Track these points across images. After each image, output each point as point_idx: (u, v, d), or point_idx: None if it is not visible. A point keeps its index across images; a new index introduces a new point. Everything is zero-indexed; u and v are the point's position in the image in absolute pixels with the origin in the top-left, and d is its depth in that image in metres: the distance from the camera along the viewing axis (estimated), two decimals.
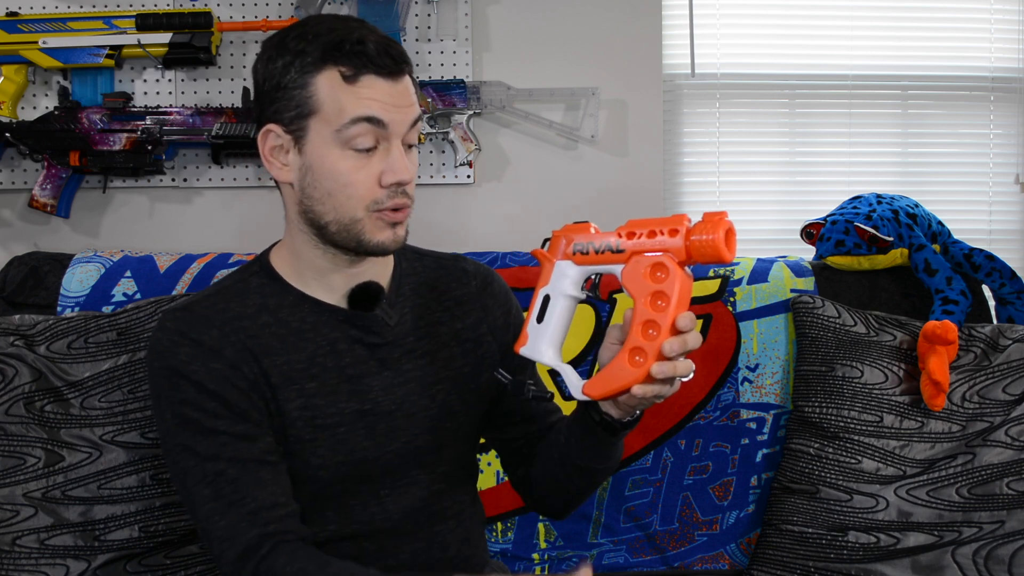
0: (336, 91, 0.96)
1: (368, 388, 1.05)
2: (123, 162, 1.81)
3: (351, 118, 0.96)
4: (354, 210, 0.99)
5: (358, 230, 1.00)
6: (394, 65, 0.97)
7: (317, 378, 1.03)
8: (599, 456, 1.06)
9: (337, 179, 0.98)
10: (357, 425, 1.04)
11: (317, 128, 0.98)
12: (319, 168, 0.99)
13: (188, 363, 0.99)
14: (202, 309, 1.03)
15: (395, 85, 0.98)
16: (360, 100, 0.96)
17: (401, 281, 1.12)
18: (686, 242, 0.89)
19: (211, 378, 0.99)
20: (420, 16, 1.92)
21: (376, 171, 0.99)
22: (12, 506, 1.35)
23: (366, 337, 1.06)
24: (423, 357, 1.09)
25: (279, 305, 1.05)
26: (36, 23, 1.80)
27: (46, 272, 1.63)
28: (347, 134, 0.97)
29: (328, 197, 0.99)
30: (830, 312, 1.63)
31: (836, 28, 2.13)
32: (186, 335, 1.00)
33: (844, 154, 2.15)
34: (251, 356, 1.01)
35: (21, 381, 1.40)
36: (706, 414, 1.65)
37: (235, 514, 0.96)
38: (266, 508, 0.97)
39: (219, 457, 0.97)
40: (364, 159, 0.98)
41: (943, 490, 1.53)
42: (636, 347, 0.91)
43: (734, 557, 1.65)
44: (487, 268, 1.20)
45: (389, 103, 0.97)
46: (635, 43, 1.98)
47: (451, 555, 1.11)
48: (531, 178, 1.97)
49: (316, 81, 0.97)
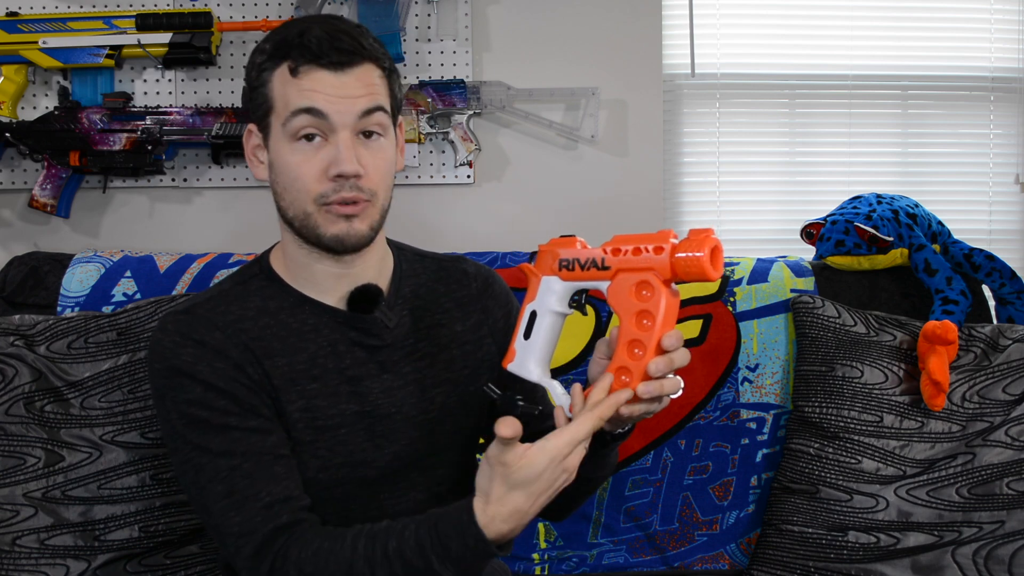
0: (284, 86, 0.99)
1: (368, 390, 1.05)
2: (123, 162, 1.81)
3: (292, 110, 0.98)
4: (304, 203, 1.01)
5: (312, 224, 1.01)
6: (339, 56, 0.98)
7: (318, 379, 1.03)
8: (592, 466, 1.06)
9: (288, 172, 1.01)
10: (357, 427, 1.04)
11: (275, 124, 1.01)
12: (277, 163, 1.02)
13: (193, 363, 0.99)
14: (204, 312, 1.03)
15: (340, 76, 0.98)
16: (302, 92, 0.98)
17: (401, 283, 1.12)
18: (671, 260, 0.87)
19: (218, 377, 0.99)
20: (420, 16, 1.92)
21: (323, 163, 0.99)
22: (12, 506, 1.35)
23: (365, 339, 1.06)
24: (422, 359, 1.09)
25: (279, 307, 1.05)
26: (36, 23, 1.80)
27: (46, 272, 1.63)
28: (291, 127, 0.99)
29: (285, 192, 1.02)
30: (830, 312, 1.63)
31: (836, 28, 2.13)
32: (189, 336, 1.00)
33: (844, 154, 2.15)
34: (253, 358, 1.01)
35: (21, 381, 1.40)
36: (706, 414, 1.65)
37: (250, 509, 0.95)
38: (280, 501, 0.96)
39: (233, 452, 0.97)
40: (311, 152, 0.99)
41: (943, 490, 1.53)
42: (622, 367, 0.90)
43: (734, 557, 1.65)
44: (488, 269, 1.21)
45: (332, 94, 0.98)
46: (635, 43, 1.98)
47: None
48: (531, 178, 1.98)
49: (272, 79, 1.00)
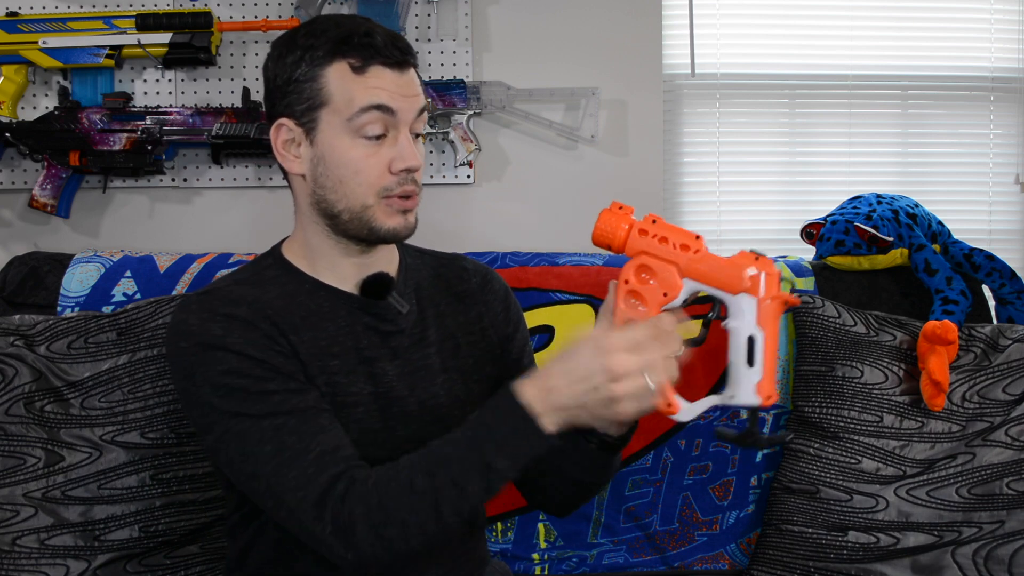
0: (346, 82, 1.00)
1: (382, 372, 1.07)
2: (123, 162, 1.81)
3: (361, 106, 1.00)
4: (365, 196, 1.02)
5: (369, 216, 1.03)
6: (401, 56, 1.02)
7: (338, 356, 1.05)
8: (599, 472, 1.07)
9: (348, 167, 1.02)
10: (372, 407, 1.05)
11: (328, 119, 1.01)
12: (331, 157, 1.02)
13: (224, 335, 0.98)
14: (225, 292, 1.04)
15: (402, 75, 1.02)
16: (369, 89, 1.00)
17: (407, 275, 1.14)
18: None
19: (252, 346, 0.98)
20: (420, 16, 1.92)
21: (386, 158, 1.02)
22: (12, 506, 1.35)
23: (380, 325, 1.08)
24: (431, 346, 1.11)
25: (296, 291, 1.07)
26: (36, 23, 1.80)
27: (46, 272, 1.63)
28: (357, 122, 1.00)
29: (340, 185, 1.02)
30: (830, 312, 1.63)
31: (836, 28, 2.13)
32: (216, 312, 1.00)
33: (844, 154, 2.15)
34: (279, 331, 1.01)
35: (21, 381, 1.40)
36: (706, 414, 1.64)
37: (303, 461, 0.94)
38: (330, 451, 0.96)
39: (277, 413, 0.96)
40: (374, 147, 1.02)
41: (943, 490, 1.53)
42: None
43: (734, 557, 1.65)
44: (485, 266, 1.23)
45: (397, 92, 1.01)
46: (635, 43, 1.98)
47: (454, 547, 1.12)
48: (531, 178, 1.97)
49: (326, 74, 1.01)
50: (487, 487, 0.92)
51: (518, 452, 0.91)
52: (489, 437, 0.91)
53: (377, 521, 0.92)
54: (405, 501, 0.92)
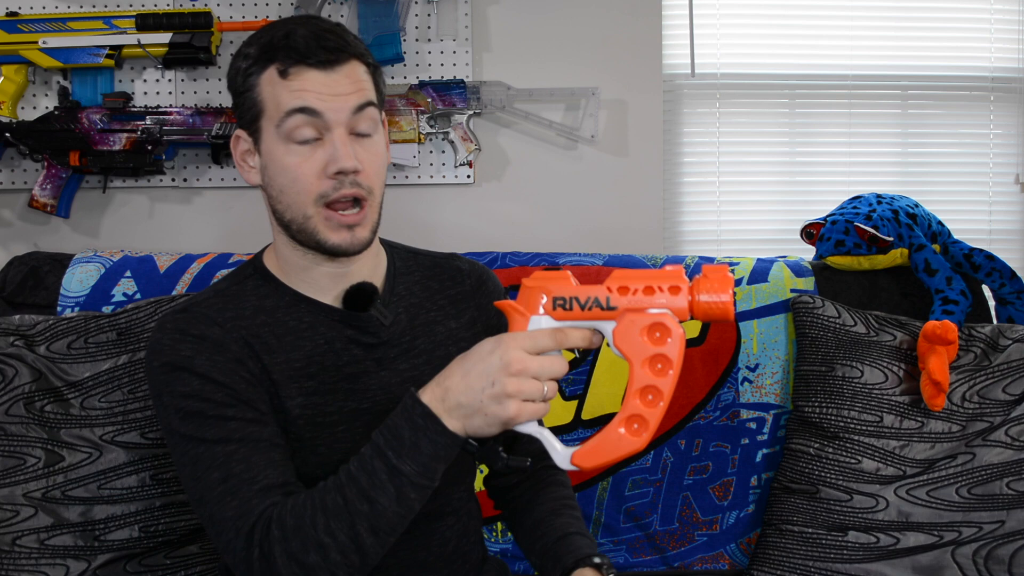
0: (274, 88, 0.99)
1: (366, 387, 1.06)
2: (123, 162, 1.81)
3: (285, 111, 0.98)
4: (304, 205, 1.00)
5: (311, 228, 1.01)
6: (326, 55, 0.98)
7: (316, 376, 1.03)
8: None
9: (286, 174, 1.00)
10: (355, 424, 1.04)
11: (266, 127, 1.01)
12: (271, 166, 1.02)
13: (191, 357, 0.98)
14: (202, 309, 1.03)
15: (330, 75, 0.99)
16: (293, 93, 0.98)
17: (395, 281, 1.13)
18: (691, 302, 0.83)
19: (217, 370, 0.98)
20: (420, 16, 1.92)
21: (321, 162, 0.99)
22: (12, 506, 1.35)
23: (362, 337, 1.06)
24: (419, 356, 1.10)
25: (276, 306, 1.05)
26: (36, 23, 1.80)
27: (46, 272, 1.63)
28: (285, 128, 0.99)
29: (282, 194, 1.02)
30: (830, 312, 1.63)
31: (836, 28, 2.13)
32: (187, 332, 1.00)
33: (844, 154, 2.15)
34: (252, 353, 1.01)
35: (21, 381, 1.40)
36: (706, 414, 1.65)
37: (247, 491, 0.93)
38: (276, 486, 0.94)
39: (230, 439, 0.95)
40: (308, 152, 0.99)
41: (943, 490, 1.53)
42: (635, 415, 0.84)
43: (734, 557, 1.65)
44: (482, 266, 1.21)
45: (324, 92, 0.98)
46: (635, 43, 1.98)
47: (450, 551, 1.11)
48: (531, 178, 1.98)
49: (260, 82, 1.00)
50: (397, 495, 0.89)
51: (422, 453, 0.89)
52: (393, 441, 0.89)
53: (295, 548, 0.89)
54: (320, 522, 0.89)
